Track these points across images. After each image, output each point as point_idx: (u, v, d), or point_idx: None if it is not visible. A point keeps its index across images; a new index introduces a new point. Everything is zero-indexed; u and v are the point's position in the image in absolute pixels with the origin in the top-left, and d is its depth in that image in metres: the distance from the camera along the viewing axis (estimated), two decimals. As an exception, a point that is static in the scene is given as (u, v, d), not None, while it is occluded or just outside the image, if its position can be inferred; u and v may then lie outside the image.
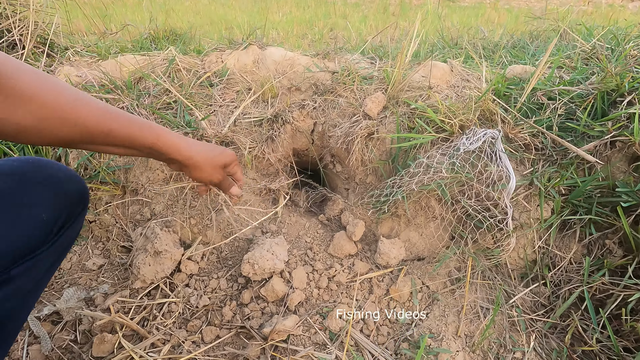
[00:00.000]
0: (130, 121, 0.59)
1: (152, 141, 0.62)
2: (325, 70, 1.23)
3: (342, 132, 1.05)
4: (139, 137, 0.60)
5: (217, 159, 0.74)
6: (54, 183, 0.60)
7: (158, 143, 0.63)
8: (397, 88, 1.08)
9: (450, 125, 0.95)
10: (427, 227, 1.02)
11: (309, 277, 0.94)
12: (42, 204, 0.57)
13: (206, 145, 0.73)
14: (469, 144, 0.91)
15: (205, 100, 1.16)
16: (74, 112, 0.52)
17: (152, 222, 0.96)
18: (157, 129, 0.63)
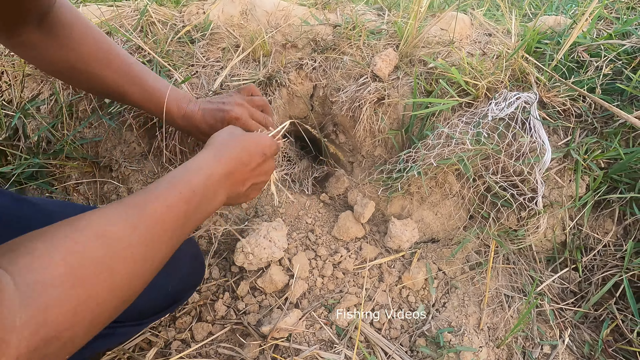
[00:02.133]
0: (143, 88, 0.64)
1: (158, 113, 0.67)
2: (326, 23, 1.05)
3: (347, 96, 0.90)
4: (149, 106, 0.66)
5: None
6: (193, 262, 0.69)
7: (161, 114, 0.67)
8: (412, 44, 0.92)
9: (476, 88, 0.80)
10: (444, 206, 0.91)
11: (311, 264, 0.83)
12: (174, 276, 0.63)
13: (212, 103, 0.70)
14: (498, 110, 0.77)
15: (185, 60, 0.99)
16: (100, 66, 0.60)
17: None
18: (167, 99, 0.66)
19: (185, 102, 0.69)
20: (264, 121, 0.73)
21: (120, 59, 0.62)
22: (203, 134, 0.70)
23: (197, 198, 0.45)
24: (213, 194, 0.49)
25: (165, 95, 0.66)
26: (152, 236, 0.39)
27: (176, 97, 0.68)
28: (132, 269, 0.36)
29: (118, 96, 0.65)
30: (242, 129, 0.69)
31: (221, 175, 0.50)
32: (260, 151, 0.56)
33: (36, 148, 0.91)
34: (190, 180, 0.45)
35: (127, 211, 0.38)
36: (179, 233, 0.43)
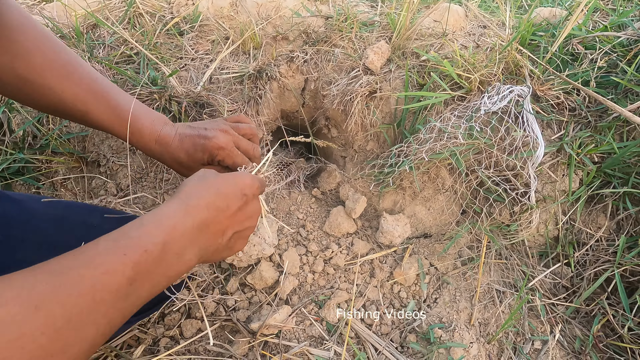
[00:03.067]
0: (110, 105, 0.54)
1: (126, 136, 0.56)
2: (318, 15, 1.03)
3: (339, 90, 0.88)
4: (115, 126, 0.56)
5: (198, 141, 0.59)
6: None
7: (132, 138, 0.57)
8: (404, 36, 0.90)
9: (469, 82, 0.79)
10: (436, 201, 0.90)
11: (302, 259, 0.82)
12: None
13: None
14: (491, 103, 0.76)
15: (174, 52, 0.97)
16: (58, 78, 0.51)
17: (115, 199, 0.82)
18: (139, 119, 0.56)
19: (160, 124, 0.59)
20: (251, 151, 0.63)
21: (82, 70, 0.53)
22: (179, 164, 0.61)
23: (152, 260, 0.35)
24: (177, 253, 0.38)
25: (136, 115, 0.56)
26: (70, 315, 0.29)
27: (150, 117, 0.58)
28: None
29: (79, 114, 0.54)
30: (224, 162, 0.60)
31: (189, 227, 0.39)
32: (239, 192, 0.46)
33: (21, 143, 0.89)
34: (142, 237, 0.36)
35: (35, 281, 0.29)
36: (121, 307, 0.33)
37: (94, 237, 0.61)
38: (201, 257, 0.42)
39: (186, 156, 0.59)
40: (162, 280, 0.37)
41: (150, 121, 0.58)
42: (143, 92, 0.86)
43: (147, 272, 0.35)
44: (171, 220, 0.38)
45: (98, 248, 0.34)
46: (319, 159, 0.99)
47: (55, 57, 0.50)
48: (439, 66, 0.80)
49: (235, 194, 0.45)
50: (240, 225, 0.47)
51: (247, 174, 0.50)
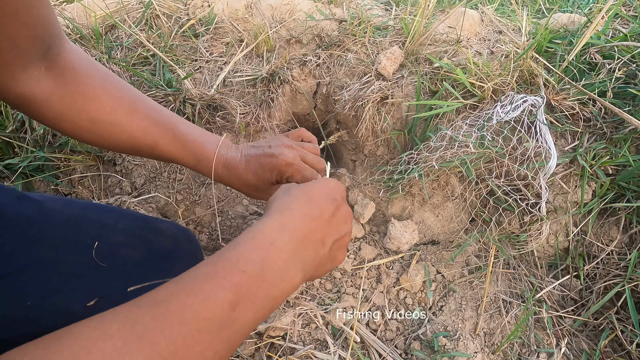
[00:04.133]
0: (175, 135, 0.55)
1: (194, 164, 0.57)
2: (332, 18, 1.03)
3: (350, 95, 0.89)
4: (182, 156, 0.57)
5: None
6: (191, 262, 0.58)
7: (199, 165, 0.57)
8: (418, 41, 0.90)
9: (482, 90, 0.78)
10: (445, 208, 0.90)
11: (309, 263, 0.84)
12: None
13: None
14: (504, 113, 0.75)
15: (189, 54, 0.98)
16: (127, 115, 0.52)
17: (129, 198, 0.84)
18: (204, 146, 0.56)
19: (224, 148, 0.59)
20: (317, 164, 0.62)
21: (147, 105, 0.55)
22: (248, 186, 0.61)
23: (252, 281, 0.34)
24: (279, 271, 0.36)
25: (200, 142, 0.56)
26: (175, 346, 0.28)
27: (213, 142, 0.59)
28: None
29: (147, 149, 0.56)
30: (293, 177, 0.58)
31: (287, 241, 0.37)
32: (329, 197, 0.44)
33: (42, 141, 0.92)
34: (239, 258, 0.34)
35: (139, 312, 0.29)
36: (226, 336, 0.31)
37: (107, 236, 0.63)
38: (306, 273, 0.40)
39: (254, 177, 0.58)
40: (267, 303, 0.35)
41: (215, 146, 0.58)
42: (159, 94, 0.88)
43: (248, 295, 0.33)
44: (267, 237, 0.36)
45: (197, 273, 0.33)
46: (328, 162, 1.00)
47: (121, 95, 0.52)
48: (452, 74, 0.80)
49: (326, 199, 0.43)
50: (337, 232, 0.44)
51: (331, 179, 0.48)
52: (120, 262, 0.63)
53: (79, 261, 0.59)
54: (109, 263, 0.61)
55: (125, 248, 0.64)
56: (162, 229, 0.71)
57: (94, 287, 0.60)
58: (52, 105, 0.47)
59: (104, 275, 0.61)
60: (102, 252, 0.61)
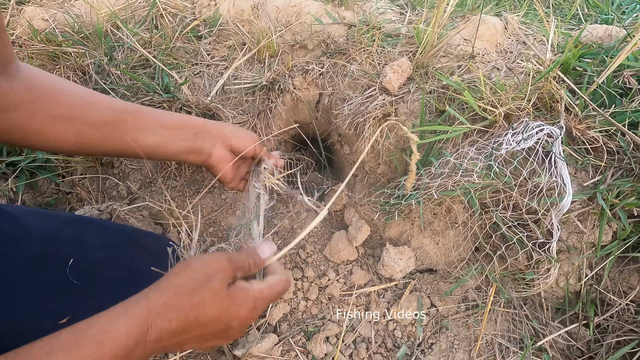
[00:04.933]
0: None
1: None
2: (340, 23, 0.97)
3: (351, 110, 0.83)
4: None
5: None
6: None
7: None
8: (429, 53, 0.83)
9: (493, 114, 0.71)
10: (446, 235, 0.84)
11: (296, 285, 0.81)
12: None
13: None
14: (515, 142, 0.68)
15: (189, 58, 0.96)
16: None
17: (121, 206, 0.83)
18: None
19: None
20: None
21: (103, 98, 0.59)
22: None
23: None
24: None
25: None
26: None
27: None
28: None
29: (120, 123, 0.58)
30: None
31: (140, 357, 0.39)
32: (225, 323, 0.44)
33: (43, 141, 0.92)
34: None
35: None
36: None
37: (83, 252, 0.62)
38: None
39: None
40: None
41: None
42: (156, 99, 0.86)
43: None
44: (119, 348, 0.37)
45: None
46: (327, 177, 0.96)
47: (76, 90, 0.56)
48: (460, 95, 0.72)
49: (217, 324, 0.44)
50: (216, 340, 0.45)
51: (247, 299, 0.45)
52: (97, 280, 0.61)
53: (53, 278, 0.59)
54: (84, 281, 0.60)
55: (104, 265, 0.63)
56: (145, 244, 0.69)
57: (67, 306, 0.59)
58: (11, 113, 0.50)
59: (78, 293, 0.60)
60: (78, 269, 0.60)
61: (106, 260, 0.63)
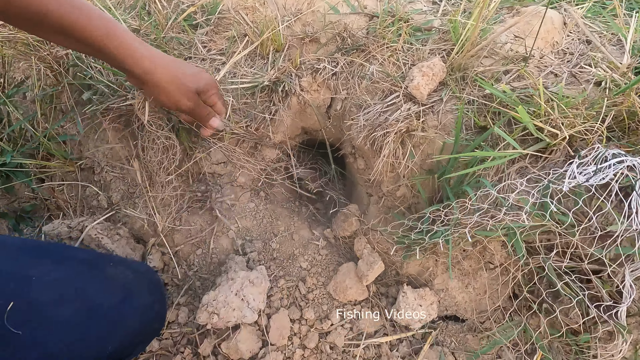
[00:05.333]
0: (75, 7, 0.49)
1: (100, 38, 0.51)
2: (361, 12, 0.81)
3: (368, 120, 0.68)
4: (85, 27, 0.50)
5: (187, 80, 0.59)
6: (145, 314, 0.59)
7: (107, 42, 0.52)
8: (469, 53, 0.66)
9: (553, 137, 0.55)
10: (478, 277, 0.68)
11: (292, 328, 0.67)
12: (118, 332, 0.55)
13: (176, 62, 0.60)
14: (583, 175, 0.52)
15: (183, 50, 0.82)
16: None
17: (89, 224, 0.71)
18: (111, 24, 0.52)
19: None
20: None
21: None
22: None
23: None
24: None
25: (110, 23, 0.53)
26: None
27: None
28: None
29: (36, 16, 0.50)
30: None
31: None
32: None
33: (14, 142, 0.82)
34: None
35: None
36: None
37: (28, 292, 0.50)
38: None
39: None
40: None
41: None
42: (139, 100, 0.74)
43: None
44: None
45: None
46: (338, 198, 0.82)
47: None
48: (509, 109, 0.56)
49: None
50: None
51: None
52: (45, 324, 0.50)
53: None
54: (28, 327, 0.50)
55: (54, 306, 0.51)
56: (112, 276, 0.58)
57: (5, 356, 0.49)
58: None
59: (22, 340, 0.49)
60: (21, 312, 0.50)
61: (58, 301, 0.51)
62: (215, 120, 0.67)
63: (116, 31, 0.52)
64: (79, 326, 0.52)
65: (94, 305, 0.54)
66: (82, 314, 0.52)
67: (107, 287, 0.56)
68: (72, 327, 0.51)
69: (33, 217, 0.90)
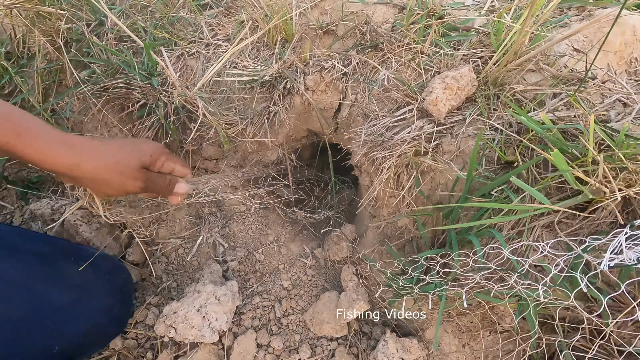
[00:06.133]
0: None
1: (8, 140, 0.42)
2: (388, 2, 0.69)
3: (370, 135, 0.57)
4: None
5: (126, 158, 0.49)
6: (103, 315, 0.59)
7: (17, 144, 0.42)
8: (509, 65, 0.53)
9: (597, 191, 0.41)
10: (479, 338, 0.57)
11: (257, 355, 0.61)
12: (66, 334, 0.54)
13: (107, 143, 0.49)
14: (632, 250, 0.38)
15: (189, 32, 0.76)
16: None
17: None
18: (20, 121, 0.43)
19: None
20: None
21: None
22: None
23: None
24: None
25: (17, 120, 0.43)
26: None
27: None
28: None
29: None
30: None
31: None
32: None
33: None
34: None
35: None
36: None
37: None
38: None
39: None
40: None
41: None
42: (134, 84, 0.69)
43: None
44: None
45: None
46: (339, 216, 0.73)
47: None
48: (546, 147, 0.43)
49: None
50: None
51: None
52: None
53: None
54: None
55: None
56: (69, 274, 0.55)
57: None
58: None
59: None
60: None
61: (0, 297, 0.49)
62: (180, 186, 0.57)
63: (28, 128, 0.43)
64: (20, 324, 0.50)
65: (40, 304, 0.51)
66: (25, 312, 0.50)
67: (58, 286, 0.53)
68: (12, 325, 0.49)
69: (40, 188, 0.91)
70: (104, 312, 0.57)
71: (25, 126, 0.42)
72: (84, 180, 0.48)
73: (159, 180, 0.54)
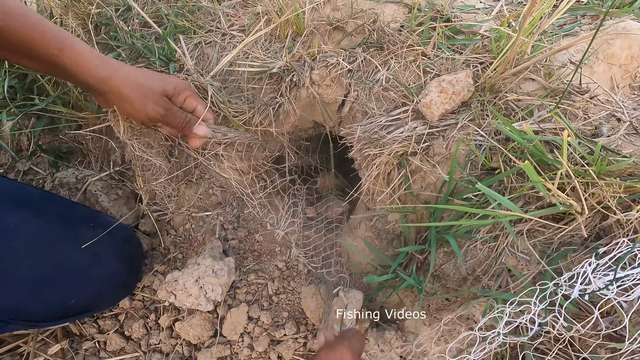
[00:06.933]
0: (31, 23, 0.47)
1: (53, 52, 0.49)
2: (399, 2, 0.70)
3: (365, 132, 0.60)
4: (38, 43, 0.48)
5: (151, 82, 0.55)
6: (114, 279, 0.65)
7: (60, 56, 0.49)
8: (506, 72, 0.53)
9: (567, 204, 0.42)
10: (456, 334, 0.60)
11: (247, 326, 0.67)
12: (81, 290, 0.60)
13: (137, 69, 0.56)
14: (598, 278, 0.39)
15: (208, 21, 0.80)
16: None
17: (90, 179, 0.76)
18: (65, 38, 0.50)
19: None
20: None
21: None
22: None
23: None
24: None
25: (63, 36, 0.51)
26: None
27: None
28: None
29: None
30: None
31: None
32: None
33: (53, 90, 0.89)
34: None
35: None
36: None
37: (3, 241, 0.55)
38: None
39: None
40: None
41: None
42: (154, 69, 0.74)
43: None
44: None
45: None
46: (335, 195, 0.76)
47: None
48: (518, 160, 0.44)
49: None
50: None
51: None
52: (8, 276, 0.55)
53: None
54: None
55: (21, 259, 0.56)
56: (85, 238, 0.61)
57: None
58: None
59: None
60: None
61: (25, 255, 0.56)
62: (200, 128, 0.60)
63: (72, 44, 0.50)
64: (41, 281, 0.56)
65: (60, 264, 0.58)
66: (46, 270, 0.57)
67: (75, 249, 0.59)
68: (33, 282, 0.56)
69: (70, 158, 1.00)
70: (115, 276, 0.63)
71: (69, 43, 0.50)
72: (109, 95, 0.54)
73: (178, 114, 0.59)
